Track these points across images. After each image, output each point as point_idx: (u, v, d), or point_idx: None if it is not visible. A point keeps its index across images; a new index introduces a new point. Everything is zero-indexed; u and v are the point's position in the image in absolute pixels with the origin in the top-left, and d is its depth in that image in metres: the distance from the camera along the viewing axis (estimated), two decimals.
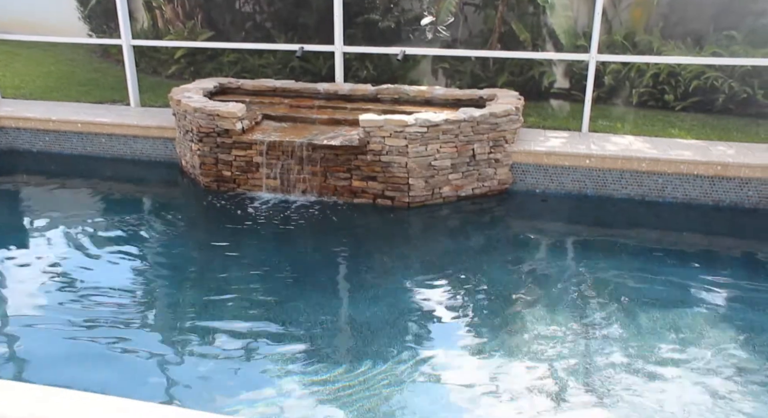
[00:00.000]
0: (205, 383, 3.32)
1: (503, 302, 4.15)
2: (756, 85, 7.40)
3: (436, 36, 8.80)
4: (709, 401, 3.18)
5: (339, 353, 3.59)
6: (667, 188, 5.81)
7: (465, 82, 8.26)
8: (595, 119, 7.05)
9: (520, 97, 6.37)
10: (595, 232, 5.42)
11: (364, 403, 3.14)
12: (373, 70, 8.52)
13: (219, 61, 9.10)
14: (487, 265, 4.67)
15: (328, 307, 4.07)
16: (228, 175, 5.99)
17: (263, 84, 7.18)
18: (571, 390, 3.26)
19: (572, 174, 5.94)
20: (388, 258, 4.79)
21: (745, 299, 4.23)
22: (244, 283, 4.37)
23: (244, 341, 3.66)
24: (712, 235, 5.38)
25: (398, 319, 3.92)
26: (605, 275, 4.53)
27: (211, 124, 5.87)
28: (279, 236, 5.12)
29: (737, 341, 3.71)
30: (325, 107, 6.71)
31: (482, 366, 3.46)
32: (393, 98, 6.78)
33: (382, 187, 5.61)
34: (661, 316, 3.95)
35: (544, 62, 8.28)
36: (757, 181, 5.60)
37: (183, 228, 5.44)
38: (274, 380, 3.32)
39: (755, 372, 3.42)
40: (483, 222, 5.55)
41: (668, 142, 6.33)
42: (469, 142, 5.67)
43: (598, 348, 3.63)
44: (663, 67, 7.79)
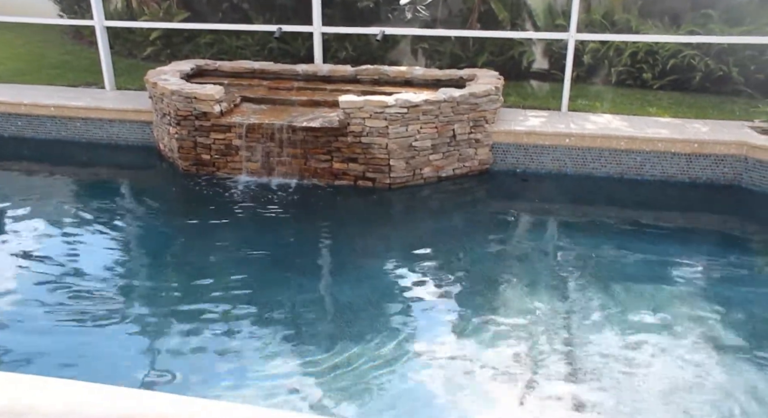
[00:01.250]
0: (187, 367, 3.31)
1: (485, 281, 4.19)
2: (731, 63, 7.48)
3: (416, 16, 8.74)
4: (687, 375, 3.26)
5: (322, 335, 3.60)
6: (645, 166, 5.87)
7: (445, 62, 8.23)
8: (575, 98, 7.08)
9: (499, 77, 6.37)
10: (575, 210, 5.48)
11: (347, 384, 3.16)
12: (352, 50, 8.44)
13: (196, 43, 8.94)
14: (468, 245, 4.71)
15: (310, 289, 4.08)
16: (207, 159, 5.92)
17: (241, 66, 7.08)
18: (553, 367, 3.31)
19: (552, 153, 5.98)
20: (369, 239, 4.80)
21: (720, 274, 4.32)
22: (226, 266, 4.35)
23: (226, 325, 3.66)
24: (688, 212, 5.47)
25: (381, 299, 3.94)
26: (585, 252, 4.59)
27: (189, 107, 5.79)
28: (260, 219, 5.10)
29: (713, 316, 3.79)
30: (304, 89, 6.64)
31: (465, 345, 3.50)
32: (373, 79, 6.73)
33: (363, 168, 5.60)
34: (640, 292, 4.02)
35: (523, 42, 8.26)
36: (732, 158, 5.69)
37: (162, 213, 5.38)
38: (256, 362, 3.33)
39: (730, 346, 3.50)
40: (464, 202, 5.57)
41: (646, 120, 6.39)
42: (449, 123, 5.67)
43: (579, 325, 3.68)
44: (641, 45, 7.83)
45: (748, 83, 7.45)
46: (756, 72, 7.39)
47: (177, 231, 5.01)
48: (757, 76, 7.38)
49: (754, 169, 5.62)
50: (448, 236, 4.89)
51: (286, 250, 4.61)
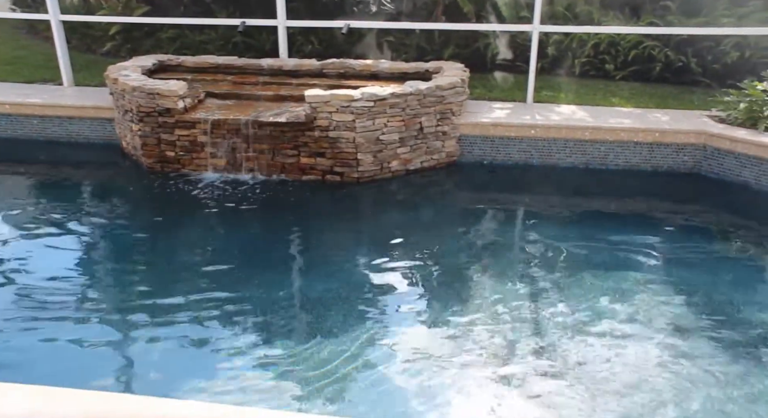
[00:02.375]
0: (156, 366, 3.26)
1: (455, 273, 4.22)
2: (690, 53, 7.64)
3: (381, 9, 8.70)
4: (652, 358, 3.34)
5: (293, 331, 3.58)
6: (609, 156, 5.98)
7: (411, 55, 8.22)
8: (540, 90, 7.15)
9: (465, 69, 6.39)
10: (541, 201, 5.55)
11: (319, 379, 3.15)
12: (318, 44, 8.37)
13: (157, 38, 8.75)
14: (437, 237, 4.73)
15: (280, 285, 4.05)
16: (172, 156, 5.82)
17: (205, 61, 6.96)
18: (523, 356, 3.35)
19: (518, 144, 6.04)
20: (339, 234, 4.79)
21: (682, 260, 4.43)
22: (193, 265, 4.29)
23: (196, 324, 3.61)
24: (651, 200, 5.59)
25: (351, 294, 3.94)
26: (552, 242, 4.65)
27: (152, 103, 5.67)
28: (227, 216, 5.03)
29: (675, 300, 3.89)
30: (269, 83, 6.57)
31: (436, 337, 3.52)
32: (339, 73, 6.70)
33: (331, 163, 5.57)
34: (606, 279, 4.10)
35: (488, 34, 8.31)
36: (691, 147, 5.83)
37: (126, 212, 5.28)
38: (227, 360, 3.29)
39: (693, 329, 3.60)
40: (432, 195, 5.60)
41: (609, 110, 6.51)
42: (416, 116, 5.68)
43: (548, 314, 3.74)
44: (603, 37, 7.95)
45: (706, 73, 7.63)
46: (713, 62, 7.58)
47: (142, 230, 4.91)
48: (714, 67, 7.56)
49: (712, 158, 5.77)
50: (417, 228, 4.90)
51: (255, 246, 4.57)
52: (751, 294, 3.99)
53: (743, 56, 7.37)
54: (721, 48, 7.51)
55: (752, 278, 4.26)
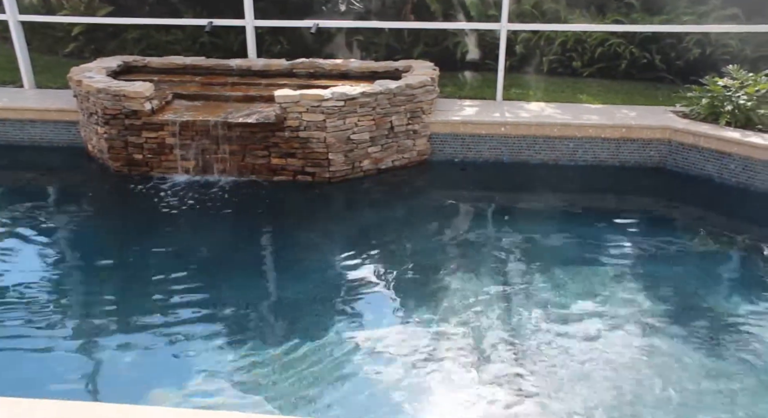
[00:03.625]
0: (128, 373, 3.20)
1: (428, 271, 4.23)
2: (654, 50, 7.80)
3: (350, 8, 8.68)
4: (624, 350, 3.39)
5: (267, 334, 3.55)
6: (578, 152, 6.06)
7: (380, 54, 8.22)
8: (509, 88, 7.22)
9: (435, 67, 6.42)
10: (513, 197, 5.60)
11: (294, 381, 3.13)
12: (287, 44, 8.31)
13: (122, 39, 8.57)
14: (410, 235, 4.74)
15: (253, 287, 4.01)
16: (140, 159, 5.71)
17: (172, 61, 6.86)
18: (497, 351, 3.38)
19: (489, 142, 6.08)
20: (311, 234, 4.76)
21: (650, 253, 4.52)
22: (164, 269, 4.21)
23: (168, 329, 3.55)
24: (620, 194, 5.69)
25: (326, 294, 3.92)
26: (525, 238, 4.70)
27: (118, 105, 5.56)
28: (198, 219, 4.96)
29: (644, 292, 3.97)
30: (238, 84, 6.51)
31: (411, 334, 3.53)
32: (308, 73, 6.67)
33: (302, 163, 5.54)
34: (577, 273, 4.15)
35: (457, 33, 8.36)
36: (657, 142, 5.95)
37: (94, 216, 5.16)
38: (201, 365, 3.25)
39: (661, 321, 3.67)
40: (404, 193, 5.60)
41: (577, 107, 6.60)
42: (386, 115, 5.68)
43: (522, 309, 3.77)
44: (570, 35, 8.05)
45: (670, 70, 7.80)
46: (676, 59, 7.74)
47: (110, 234, 4.82)
48: (677, 63, 7.73)
49: (677, 152, 5.89)
50: (389, 227, 4.91)
51: (227, 249, 4.51)
52: (716, 285, 4.09)
53: (705, 53, 7.55)
54: (683, 45, 7.68)
55: (716, 269, 4.37)
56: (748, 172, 5.46)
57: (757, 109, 5.69)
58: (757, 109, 5.69)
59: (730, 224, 5.08)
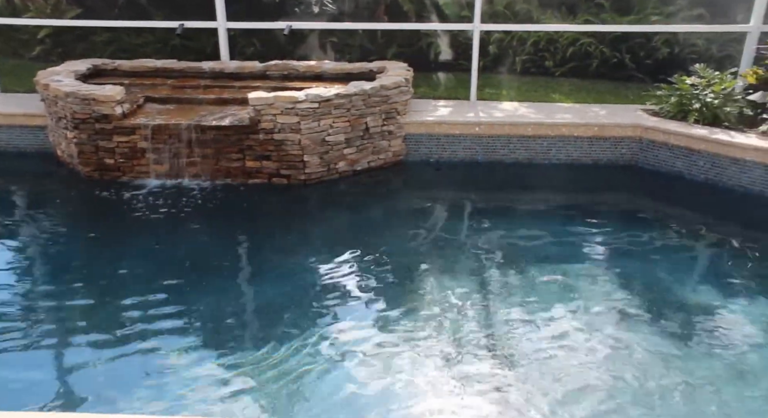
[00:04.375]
0: (104, 383, 3.14)
1: (405, 271, 4.23)
2: (624, 50, 7.93)
3: (323, 10, 8.66)
4: (599, 345, 3.44)
5: (245, 338, 3.52)
6: (551, 150, 6.13)
7: (354, 55, 8.21)
8: (482, 88, 7.27)
9: (409, 68, 6.44)
10: (488, 197, 5.63)
11: (273, 385, 3.10)
12: (260, 46, 8.26)
13: (91, 41, 8.43)
14: (387, 237, 4.74)
15: (230, 292, 3.97)
16: (111, 163, 5.62)
17: (143, 64, 6.77)
18: (474, 350, 3.40)
19: (463, 142, 6.12)
20: (288, 237, 4.73)
21: (622, 249, 4.58)
22: (138, 276, 4.15)
23: (144, 337, 3.49)
24: (593, 192, 5.76)
25: (303, 297, 3.90)
26: (500, 237, 4.74)
27: (87, 109, 5.47)
28: (172, 224, 4.90)
29: (618, 287, 4.03)
30: (211, 87, 6.44)
31: (389, 336, 3.52)
32: (282, 75, 6.63)
33: (277, 165, 5.51)
34: (552, 271, 4.20)
35: (431, 33, 8.39)
36: (628, 140, 6.05)
37: (65, 223, 5.06)
38: (178, 372, 3.20)
39: (637, 315, 3.73)
40: (380, 194, 5.60)
41: (550, 106, 6.67)
42: (361, 116, 5.67)
43: (497, 307, 3.80)
44: (542, 35, 8.15)
45: (640, 69, 7.93)
46: (645, 58, 7.88)
47: (82, 241, 4.73)
48: (647, 62, 7.87)
49: (648, 150, 5.99)
50: (366, 228, 4.90)
51: (202, 253, 4.46)
52: (687, 279, 4.17)
53: (673, 52, 7.70)
54: (652, 44, 7.82)
55: (687, 263, 4.45)
56: (716, 168, 5.58)
57: (724, 107, 5.82)
58: (724, 107, 5.82)
59: (700, 219, 5.18)
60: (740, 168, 5.43)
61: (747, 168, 5.39)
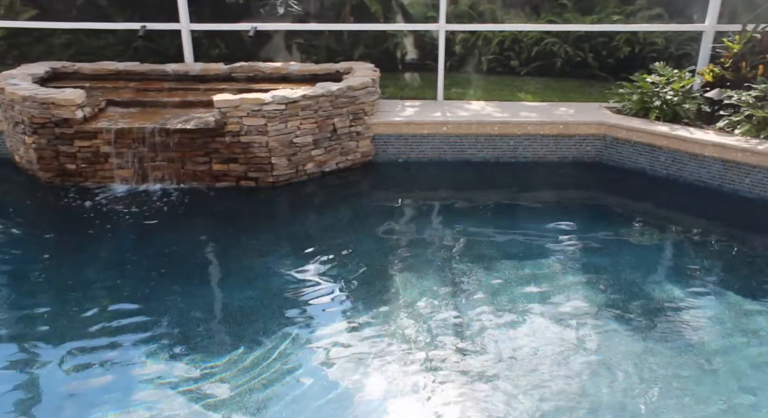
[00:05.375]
0: (68, 392, 3.06)
1: (376, 272, 4.23)
2: (587, 49, 8.07)
3: (288, 11, 8.61)
4: (570, 339, 3.48)
5: (214, 343, 3.47)
6: (518, 149, 6.20)
7: (321, 56, 8.19)
8: (449, 87, 7.32)
9: (375, 69, 6.44)
10: (457, 195, 5.67)
11: (244, 390, 3.07)
12: (225, 48, 8.16)
13: (49, 44, 8.21)
14: (357, 237, 4.73)
15: (198, 296, 3.91)
16: (73, 169, 5.49)
17: (104, 67, 6.63)
18: (449, 351, 3.41)
19: (431, 141, 6.15)
20: (256, 240, 4.68)
21: (590, 244, 4.66)
22: (104, 283, 4.06)
23: (112, 346, 3.41)
24: (559, 189, 5.84)
25: (273, 300, 3.87)
26: (470, 235, 4.77)
27: (46, 113, 5.32)
28: (138, 229, 4.80)
29: (586, 283, 4.09)
30: (176, 89, 6.34)
31: (361, 338, 3.51)
32: (248, 76, 6.57)
33: (245, 168, 5.45)
34: (522, 268, 4.24)
35: (397, 34, 8.41)
36: (593, 138, 6.16)
37: (24, 230, 4.91)
38: (147, 380, 3.14)
39: (603, 309, 3.80)
40: (349, 195, 5.59)
41: (516, 105, 6.75)
42: (329, 117, 5.65)
43: (469, 305, 3.82)
44: (507, 34, 8.24)
45: (602, 68, 8.09)
46: (608, 57, 8.04)
47: (44, 249, 4.59)
48: (609, 61, 8.03)
49: (612, 147, 6.11)
50: (335, 230, 4.88)
51: (169, 259, 4.38)
52: (651, 272, 4.26)
53: (634, 51, 7.87)
54: (614, 43, 7.98)
55: (651, 257, 4.55)
56: (677, 164, 5.71)
57: (683, 104, 5.97)
58: (683, 104, 5.97)
59: (662, 214, 5.31)
60: (700, 163, 5.58)
61: (706, 163, 5.54)
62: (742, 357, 3.35)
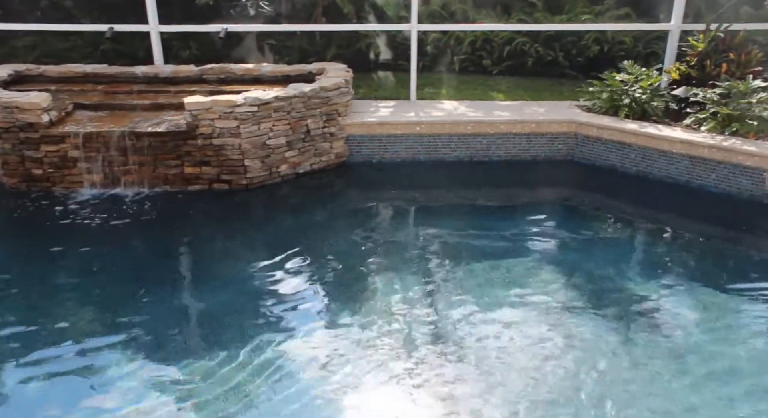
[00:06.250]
0: (38, 403, 2.99)
1: (352, 273, 4.21)
2: (557, 48, 8.17)
3: (259, 11, 8.55)
4: (546, 336, 3.52)
5: (188, 349, 3.42)
6: (491, 148, 6.25)
7: (293, 57, 8.14)
8: (422, 87, 7.34)
9: (348, 69, 6.43)
10: (431, 195, 5.69)
11: (219, 396, 3.03)
12: (196, 49, 8.07)
13: (12, 46, 8.03)
14: (332, 239, 4.71)
15: (170, 302, 3.85)
16: (39, 174, 5.37)
17: (71, 70, 6.50)
18: (425, 350, 3.41)
19: (405, 142, 6.16)
20: (230, 244, 4.63)
21: (563, 241, 4.72)
22: (73, 292, 3.97)
23: (81, 354, 3.34)
24: (532, 187, 5.91)
25: (247, 304, 3.83)
26: (445, 235, 4.79)
27: (10, 117, 5.20)
28: (109, 235, 4.71)
29: (561, 280, 4.13)
30: (146, 92, 6.25)
31: (337, 339, 3.50)
32: (219, 78, 6.50)
33: (217, 171, 5.39)
34: (497, 267, 4.27)
35: (370, 34, 8.41)
36: (564, 136, 6.23)
37: None
38: (120, 388, 3.08)
39: (578, 306, 3.84)
40: (324, 197, 5.57)
41: (489, 104, 6.80)
42: (302, 118, 5.62)
43: (446, 304, 3.83)
44: (478, 34, 8.31)
45: (572, 66, 8.20)
46: (577, 56, 8.15)
47: (9, 257, 4.48)
48: (579, 60, 8.14)
49: (583, 145, 6.19)
50: (310, 231, 4.86)
51: (141, 264, 4.31)
52: (623, 267, 4.32)
53: (603, 50, 7.99)
54: (583, 43, 8.10)
55: (623, 252, 4.62)
56: (646, 160, 5.82)
57: (651, 102, 6.08)
58: (651, 102, 6.08)
59: (633, 210, 5.40)
60: (668, 160, 5.68)
61: (674, 160, 5.65)
62: (713, 350, 3.42)
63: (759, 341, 3.49)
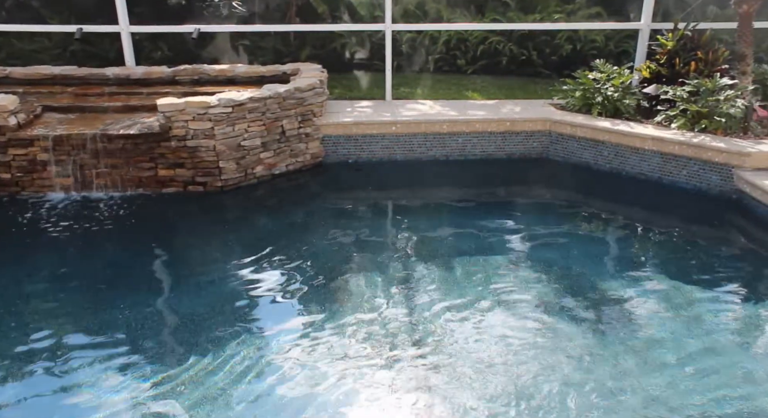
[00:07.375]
0: (12, 411, 2.92)
1: (329, 274, 4.20)
2: (531, 47, 8.25)
3: (232, 11, 8.48)
4: (525, 333, 3.55)
5: (166, 352, 3.38)
6: (467, 146, 6.28)
7: (268, 58, 8.09)
8: (397, 87, 7.36)
9: (323, 69, 6.41)
10: (407, 194, 5.70)
11: (198, 398, 3.00)
12: (168, 50, 7.97)
13: None
14: (309, 239, 4.69)
15: (146, 306, 3.79)
16: (7, 178, 5.25)
17: (38, 71, 6.37)
18: (404, 349, 3.42)
19: (381, 141, 6.16)
20: (206, 246, 4.59)
21: (539, 239, 4.76)
22: (45, 298, 3.89)
23: (58, 360, 3.27)
24: (508, 185, 5.95)
25: (225, 306, 3.79)
26: (421, 233, 4.80)
27: None
28: (81, 240, 4.63)
29: (537, 277, 4.17)
30: (117, 94, 6.16)
31: (317, 338, 3.49)
32: (193, 79, 6.44)
33: (192, 173, 5.33)
34: (475, 264, 4.29)
35: (344, 34, 8.40)
36: (539, 134, 6.30)
37: None
38: (98, 393, 3.03)
39: (555, 302, 3.88)
40: (300, 198, 5.55)
41: (464, 103, 6.84)
42: (277, 119, 5.59)
43: (424, 302, 3.84)
44: (453, 34, 8.34)
45: (546, 65, 8.28)
46: (551, 55, 8.24)
47: None
48: (552, 59, 8.23)
49: (557, 142, 6.27)
50: (287, 233, 4.83)
51: (115, 269, 4.25)
52: (598, 263, 4.39)
53: (575, 49, 8.09)
54: (556, 42, 8.18)
55: (597, 248, 4.69)
56: (619, 158, 5.90)
57: (623, 100, 6.17)
58: (623, 100, 6.17)
59: (607, 206, 5.47)
60: (640, 157, 5.78)
61: (646, 156, 5.74)
62: (686, 343, 3.48)
63: (727, 333, 3.56)
